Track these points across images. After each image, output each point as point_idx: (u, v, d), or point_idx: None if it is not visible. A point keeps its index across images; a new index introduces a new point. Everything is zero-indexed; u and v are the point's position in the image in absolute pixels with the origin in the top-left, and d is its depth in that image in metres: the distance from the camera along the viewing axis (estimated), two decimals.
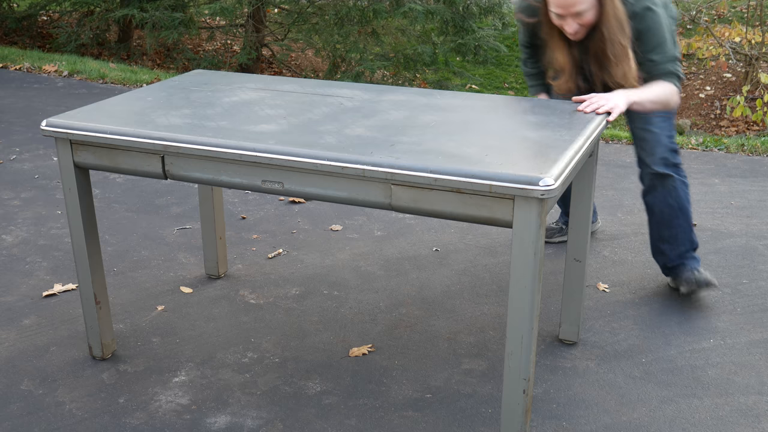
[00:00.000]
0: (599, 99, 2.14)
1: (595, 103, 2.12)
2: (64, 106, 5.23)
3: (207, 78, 2.53)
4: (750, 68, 7.11)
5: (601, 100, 2.13)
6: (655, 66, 2.32)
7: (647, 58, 2.32)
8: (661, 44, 2.31)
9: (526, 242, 1.67)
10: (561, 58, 2.43)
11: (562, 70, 2.45)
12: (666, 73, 2.32)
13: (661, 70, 2.32)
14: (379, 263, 2.99)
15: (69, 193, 2.15)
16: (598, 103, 2.12)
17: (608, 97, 2.15)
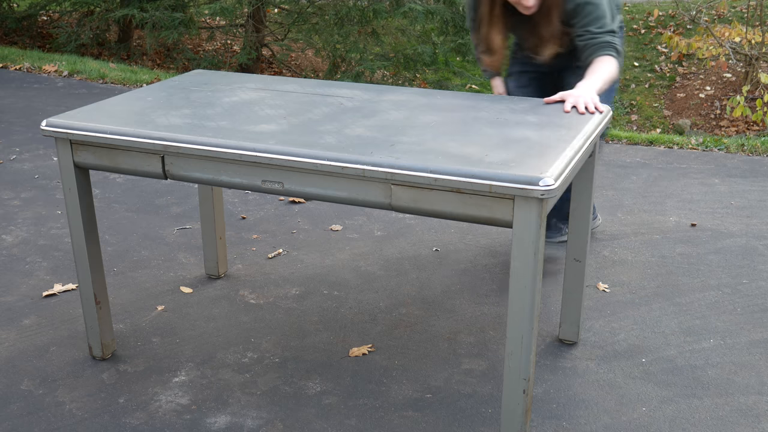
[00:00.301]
0: (577, 99, 2.13)
1: (579, 104, 2.11)
2: (64, 106, 5.23)
3: (207, 78, 2.53)
4: (750, 68, 7.11)
5: (579, 99, 2.13)
6: (594, 38, 2.35)
7: (585, 30, 2.36)
8: (601, 17, 2.36)
9: (526, 242, 1.67)
10: (497, 37, 2.51)
11: (497, 51, 2.53)
12: (604, 43, 2.35)
13: (599, 40, 2.35)
14: (379, 263, 2.99)
15: (69, 193, 2.15)
16: (580, 103, 2.11)
17: (582, 94, 2.15)
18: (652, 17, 9.21)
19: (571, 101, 2.12)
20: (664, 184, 3.81)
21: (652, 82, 8.21)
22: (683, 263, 2.98)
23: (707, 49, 7.39)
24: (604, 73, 2.29)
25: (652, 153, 4.31)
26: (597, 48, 2.35)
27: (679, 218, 3.40)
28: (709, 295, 2.74)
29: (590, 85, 2.21)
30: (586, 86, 2.20)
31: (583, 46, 2.38)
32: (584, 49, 2.38)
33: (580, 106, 2.10)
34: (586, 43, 2.37)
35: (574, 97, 2.13)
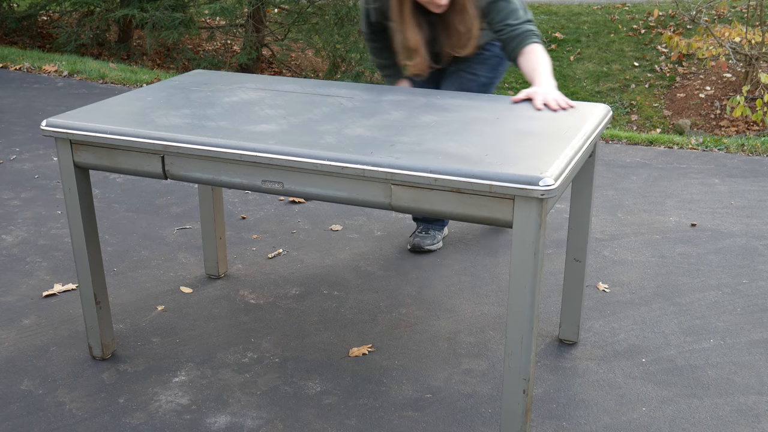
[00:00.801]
0: (545, 96, 2.16)
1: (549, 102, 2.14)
2: (64, 106, 5.23)
3: (207, 78, 2.53)
4: (750, 68, 7.11)
5: (548, 96, 2.16)
6: (515, 29, 2.40)
7: (504, 24, 2.41)
8: (515, 10, 2.42)
9: (526, 242, 1.67)
10: (413, 38, 2.50)
11: (417, 51, 2.52)
12: (527, 32, 2.40)
13: (520, 30, 2.39)
14: (379, 263, 2.99)
15: (69, 193, 2.15)
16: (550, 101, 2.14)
17: (548, 92, 2.18)
18: (652, 17, 9.21)
19: (541, 99, 2.15)
20: (664, 184, 3.81)
21: (652, 82, 8.21)
22: (683, 263, 2.98)
23: (707, 49, 7.39)
24: (546, 64, 2.34)
25: (652, 153, 4.31)
26: (522, 38, 2.39)
27: (679, 218, 3.40)
28: (709, 295, 2.74)
29: (550, 81, 2.25)
30: (547, 83, 2.24)
31: (507, 39, 2.42)
32: (508, 42, 2.42)
33: (552, 103, 2.13)
34: (509, 35, 2.41)
35: (541, 95, 2.16)
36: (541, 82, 2.24)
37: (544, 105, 2.14)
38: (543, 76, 2.27)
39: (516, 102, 2.20)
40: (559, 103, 2.13)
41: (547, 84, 2.23)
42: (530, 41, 2.38)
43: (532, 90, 2.20)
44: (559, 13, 9.96)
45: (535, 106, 2.14)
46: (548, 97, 2.14)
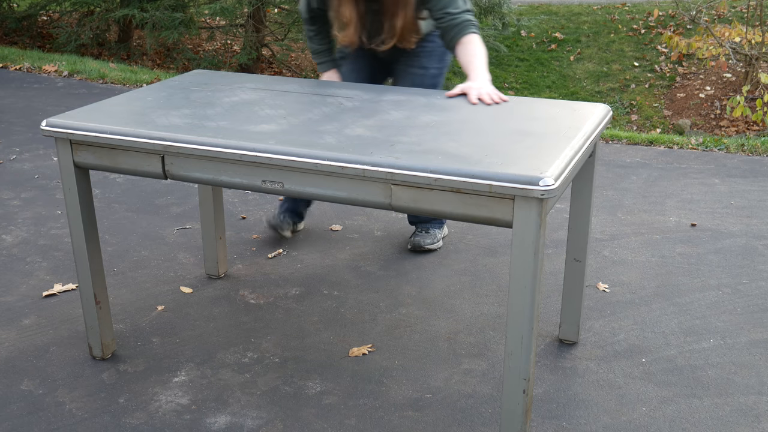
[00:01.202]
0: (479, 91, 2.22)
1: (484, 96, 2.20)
2: (64, 106, 5.23)
3: (207, 78, 2.53)
4: (750, 68, 7.11)
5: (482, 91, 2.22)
6: (454, 18, 2.44)
7: (445, 13, 2.45)
8: (454, 0, 2.46)
9: (526, 242, 1.67)
10: (348, 11, 2.55)
11: (349, 23, 2.56)
12: (466, 22, 2.45)
13: (460, 19, 2.44)
14: (379, 263, 2.99)
15: (69, 193, 2.15)
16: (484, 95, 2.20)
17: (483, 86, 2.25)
18: (652, 17, 9.21)
19: (475, 93, 2.21)
20: (664, 184, 3.81)
21: (652, 82, 8.21)
22: (683, 263, 2.98)
23: (707, 49, 7.39)
24: (482, 56, 2.40)
25: (652, 153, 4.31)
26: (461, 28, 2.44)
27: (679, 218, 3.40)
28: (709, 295, 2.74)
29: (484, 75, 2.32)
30: (482, 77, 2.31)
31: (446, 28, 2.46)
32: (447, 31, 2.47)
33: (485, 98, 2.19)
34: (448, 24, 2.45)
35: (476, 90, 2.22)
36: (476, 76, 2.31)
37: (479, 99, 2.20)
38: (478, 70, 2.34)
39: (451, 97, 2.25)
40: (492, 98, 2.19)
41: (482, 78, 2.30)
42: (468, 31, 2.44)
43: (467, 85, 2.26)
44: (559, 13, 9.96)
45: (470, 100, 2.20)
46: (482, 92, 2.21)
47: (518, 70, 8.88)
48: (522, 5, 10.27)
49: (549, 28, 9.57)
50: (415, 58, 2.77)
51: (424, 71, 2.78)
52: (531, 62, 9.01)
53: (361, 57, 2.85)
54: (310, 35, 2.80)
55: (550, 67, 8.86)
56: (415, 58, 2.77)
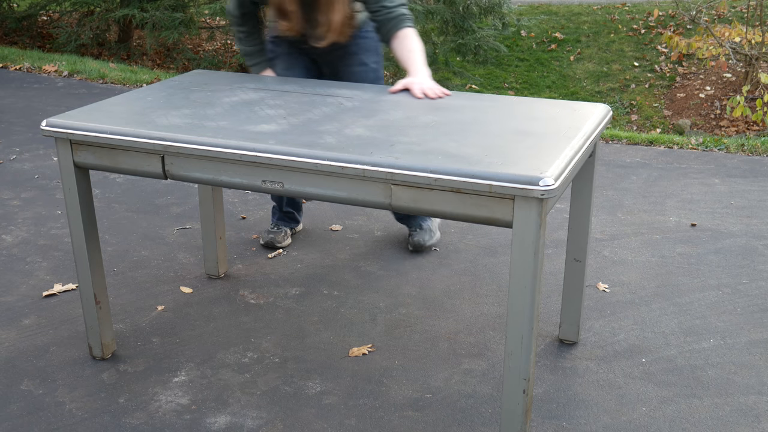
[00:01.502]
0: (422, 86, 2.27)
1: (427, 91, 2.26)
2: (64, 106, 5.23)
3: (207, 78, 2.53)
4: (750, 68, 7.11)
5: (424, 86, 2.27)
6: (390, 12, 2.48)
7: (380, 6, 2.48)
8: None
9: (526, 242, 1.67)
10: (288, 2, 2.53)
11: (293, 12, 2.54)
12: (401, 16, 2.48)
13: (396, 13, 2.48)
14: (379, 263, 2.99)
15: (69, 193, 2.15)
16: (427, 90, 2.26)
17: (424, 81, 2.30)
18: (652, 17, 9.21)
19: (418, 88, 2.27)
20: (664, 184, 3.82)
21: (652, 82, 8.21)
22: (683, 263, 2.98)
23: (707, 49, 7.39)
24: (420, 51, 2.44)
25: (652, 153, 4.31)
26: (397, 22, 2.48)
27: (679, 218, 3.40)
28: (709, 295, 2.74)
29: (424, 71, 2.37)
30: (422, 72, 2.36)
31: (382, 21, 2.50)
32: (383, 24, 2.50)
33: (429, 92, 2.25)
34: (384, 17, 2.48)
35: (418, 85, 2.28)
36: (416, 71, 2.37)
37: (424, 95, 2.25)
38: (418, 65, 2.39)
39: (394, 92, 2.30)
40: (435, 92, 2.26)
41: (422, 73, 2.35)
42: (405, 25, 2.48)
43: (408, 81, 2.32)
44: (559, 13, 9.96)
45: (414, 95, 2.26)
46: (425, 87, 2.27)
47: (518, 70, 8.88)
48: (522, 5, 10.28)
49: (549, 28, 9.57)
50: (353, 56, 2.78)
51: (365, 67, 2.80)
52: (531, 62, 9.01)
53: (295, 54, 2.82)
54: (240, 36, 2.73)
55: (550, 67, 8.86)
56: (353, 56, 2.78)
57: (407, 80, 2.32)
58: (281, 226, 3.14)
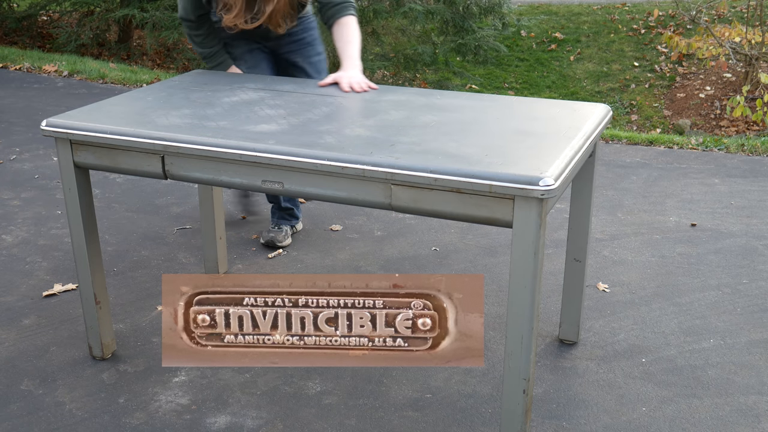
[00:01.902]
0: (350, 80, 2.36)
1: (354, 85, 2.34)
2: (64, 106, 5.23)
3: (207, 78, 2.53)
4: (750, 68, 7.11)
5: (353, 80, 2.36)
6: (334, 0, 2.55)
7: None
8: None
9: (526, 242, 1.67)
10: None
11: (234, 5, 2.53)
12: (345, 3, 2.55)
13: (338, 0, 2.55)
14: (379, 263, 3.00)
15: (69, 193, 2.15)
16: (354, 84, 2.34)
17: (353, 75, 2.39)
18: (652, 17, 9.21)
19: (346, 82, 2.36)
20: (664, 184, 3.82)
21: (652, 82, 8.21)
22: (683, 263, 2.98)
23: (707, 49, 7.39)
24: (356, 43, 2.53)
25: (652, 153, 4.31)
26: (341, 8, 2.55)
27: (679, 218, 3.41)
28: (709, 295, 2.74)
29: (356, 64, 2.46)
30: (354, 66, 2.45)
31: (326, 5, 2.55)
32: (327, 8, 2.55)
33: (356, 86, 2.34)
34: (327, 2, 2.54)
35: (347, 78, 2.37)
36: (348, 65, 2.46)
37: (351, 88, 2.34)
38: (352, 59, 2.48)
39: (323, 86, 2.39)
40: (362, 86, 2.34)
41: (354, 67, 2.45)
42: (347, 12, 2.56)
43: (339, 74, 2.41)
44: (559, 13, 9.96)
45: (342, 89, 2.34)
46: (353, 81, 2.36)
47: (518, 70, 8.88)
48: (522, 5, 10.28)
49: (549, 28, 9.57)
50: (309, 46, 2.88)
51: (321, 56, 2.92)
52: (531, 62, 9.01)
53: (255, 51, 2.83)
54: (198, 40, 2.69)
55: (550, 67, 8.86)
56: (310, 46, 2.88)
57: (337, 74, 2.41)
58: (282, 225, 3.15)
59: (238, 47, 2.80)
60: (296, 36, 2.84)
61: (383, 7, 7.13)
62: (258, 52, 2.83)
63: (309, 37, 2.87)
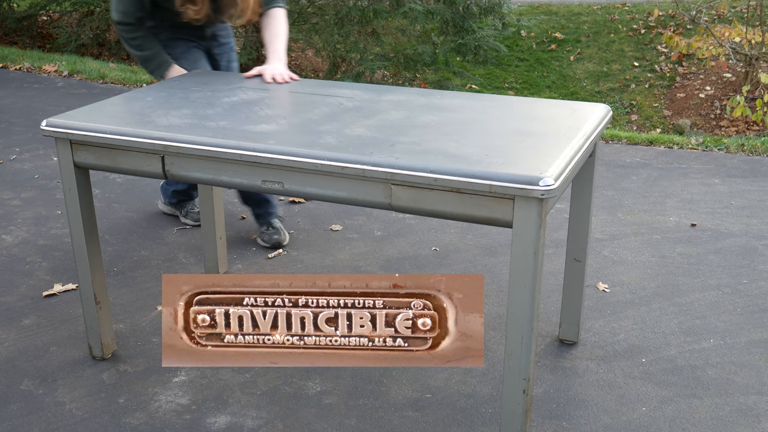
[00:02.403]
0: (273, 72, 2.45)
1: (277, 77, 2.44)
2: (64, 106, 5.23)
3: (207, 78, 2.53)
4: (750, 68, 7.11)
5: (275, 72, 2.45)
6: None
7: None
8: None
9: (526, 242, 1.67)
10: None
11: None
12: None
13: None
14: (379, 263, 2.99)
15: (69, 193, 2.15)
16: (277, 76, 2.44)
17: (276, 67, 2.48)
18: (652, 17, 9.21)
19: (269, 74, 2.45)
20: (664, 184, 3.82)
21: (652, 82, 8.21)
22: (683, 263, 2.98)
23: (707, 49, 7.39)
24: (284, 36, 2.60)
25: (652, 153, 4.31)
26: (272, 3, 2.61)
27: (679, 218, 3.40)
28: (709, 295, 2.74)
29: (282, 58, 2.55)
30: (278, 58, 2.54)
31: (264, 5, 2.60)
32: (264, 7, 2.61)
33: (278, 77, 2.44)
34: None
35: (270, 71, 2.47)
36: (273, 58, 2.55)
37: (273, 79, 2.44)
38: (277, 52, 2.56)
39: (248, 77, 2.48)
40: (284, 78, 2.44)
41: (278, 60, 2.54)
42: (277, 4, 2.62)
43: (262, 68, 2.49)
44: (559, 13, 9.96)
45: (264, 80, 2.44)
46: (275, 73, 2.45)
47: (518, 70, 8.88)
48: (522, 5, 10.28)
49: (549, 28, 9.57)
50: (231, 52, 3.03)
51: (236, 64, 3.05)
52: (531, 62, 9.01)
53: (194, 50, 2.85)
54: (137, 43, 2.65)
55: (550, 67, 8.86)
56: (231, 52, 3.03)
57: (261, 67, 2.49)
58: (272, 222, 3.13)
59: (177, 47, 2.80)
60: (224, 39, 2.98)
61: (383, 7, 7.13)
62: (195, 50, 2.86)
63: (232, 42, 3.04)
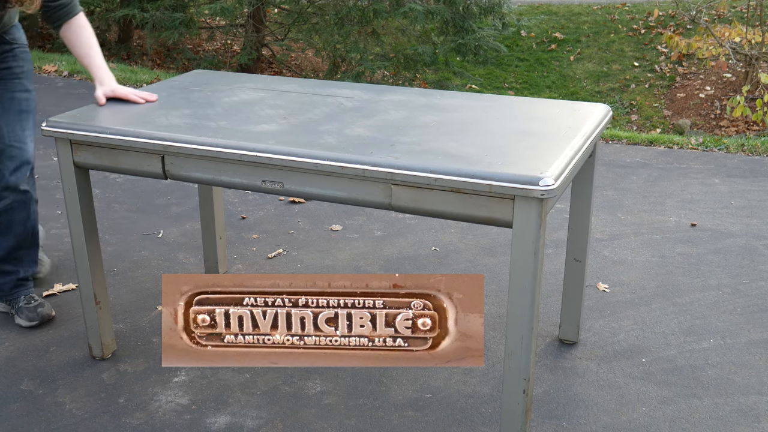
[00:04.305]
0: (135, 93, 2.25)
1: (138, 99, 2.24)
2: (64, 106, 5.23)
3: (207, 78, 2.53)
4: (750, 68, 7.11)
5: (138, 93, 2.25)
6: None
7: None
8: None
9: (526, 242, 1.67)
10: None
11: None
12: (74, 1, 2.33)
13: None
14: (379, 263, 2.99)
15: (69, 193, 2.15)
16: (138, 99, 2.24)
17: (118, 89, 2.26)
18: (652, 17, 9.21)
19: (132, 95, 2.24)
20: (664, 184, 3.82)
21: (652, 82, 8.21)
22: (683, 263, 2.98)
23: (707, 49, 7.39)
24: (98, 47, 2.34)
25: (652, 153, 4.31)
26: (71, 7, 2.32)
27: (679, 218, 3.40)
28: (709, 295, 2.74)
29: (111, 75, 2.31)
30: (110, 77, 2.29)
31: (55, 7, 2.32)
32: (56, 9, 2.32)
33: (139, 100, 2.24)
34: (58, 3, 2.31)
35: (133, 93, 2.25)
36: (105, 77, 2.28)
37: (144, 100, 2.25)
38: (102, 69, 2.30)
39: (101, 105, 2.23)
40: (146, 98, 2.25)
41: (111, 79, 2.29)
42: (78, 11, 2.34)
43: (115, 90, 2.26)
44: (559, 13, 9.96)
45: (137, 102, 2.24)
46: (139, 93, 2.26)
47: (518, 70, 8.88)
48: (522, 5, 10.28)
49: (549, 28, 9.57)
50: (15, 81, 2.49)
51: (29, 94, 2.51)
52: (531, 62, 9.01)
53: None
54: None
55: (550, 67, 8.86)
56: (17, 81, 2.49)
57: (114, 89, 2.26)
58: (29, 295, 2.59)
59: None
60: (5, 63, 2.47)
61: (383, 7, 7.13)
62: None
63: (17, 67, 2.49)
